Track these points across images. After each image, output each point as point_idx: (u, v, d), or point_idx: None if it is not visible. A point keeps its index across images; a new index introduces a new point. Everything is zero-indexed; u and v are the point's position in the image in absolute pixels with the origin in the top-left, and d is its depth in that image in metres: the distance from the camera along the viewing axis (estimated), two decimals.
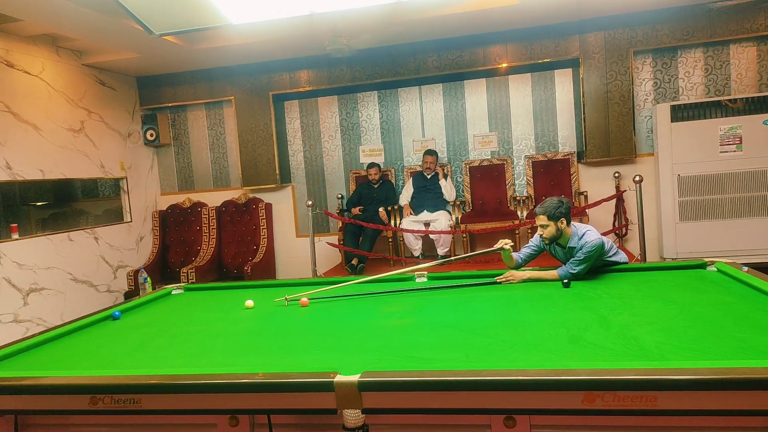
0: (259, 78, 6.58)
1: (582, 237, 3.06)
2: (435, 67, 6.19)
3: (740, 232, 5.45)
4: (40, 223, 5.61)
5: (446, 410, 1.64)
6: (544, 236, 3.16)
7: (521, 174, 6.37)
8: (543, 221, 3.12)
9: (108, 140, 6.19)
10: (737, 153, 5.43)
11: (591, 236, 3.05)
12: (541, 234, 3.18)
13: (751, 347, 1.81)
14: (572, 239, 3.11)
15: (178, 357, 2.21)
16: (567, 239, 3.13)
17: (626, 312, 2.33)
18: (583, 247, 3.00)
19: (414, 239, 5.96)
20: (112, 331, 2.70)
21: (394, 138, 6.65)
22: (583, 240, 3.03)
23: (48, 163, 5.33)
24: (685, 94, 5.90)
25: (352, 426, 1.72)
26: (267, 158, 6.61)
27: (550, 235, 3.14)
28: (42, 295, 5.16)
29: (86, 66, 5.92)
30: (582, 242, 3.03)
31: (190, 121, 7.02)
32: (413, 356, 1.97)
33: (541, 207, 3.14)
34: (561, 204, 3.11)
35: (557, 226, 3.11)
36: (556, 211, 3.09)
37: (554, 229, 3.12)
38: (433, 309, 2.68)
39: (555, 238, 3.15)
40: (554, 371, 1.61)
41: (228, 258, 6.60)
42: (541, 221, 3.13)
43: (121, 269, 6.20)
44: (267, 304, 3.06)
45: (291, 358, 2.10)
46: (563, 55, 5.94)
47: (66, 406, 1.88)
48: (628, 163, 5.99)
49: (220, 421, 1.89)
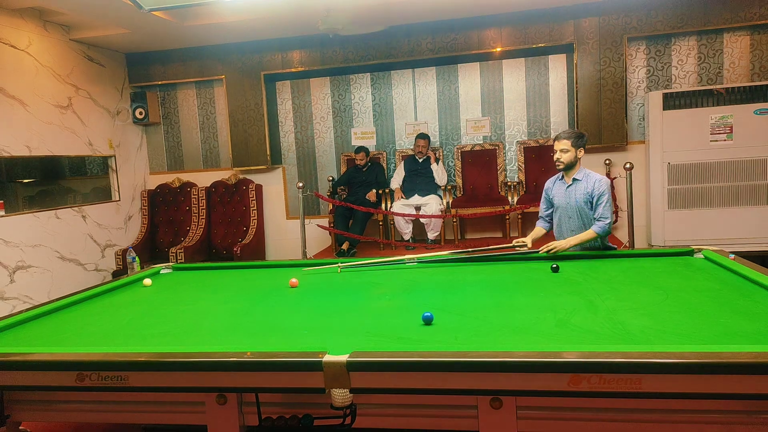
0: (250, 57, 6.50)
1: (588, 175, 3.37)
2: (429, 49, 6.15)
3: (728, 220, 5.50)
4: (27, 201, 5.54)
5: (433, 391, 1.66)
6: (561, 161, 3.39)
7: (513, 159, 6.37)
8: (566, 146, 3.36)
9: (96, 117, 6.11)
10: (727, 142, 5.46)
11: (597, 175, 3.36)
12: (559, 158, 3.39)
13: (734, 332, 1.84)
14: (579, 172, 3.41)
15: (167, 335, 2.21)
16: (574, 171, 3.42)
17: (613, 297, 2.36)
18: (596, 188, 3.29)
19: (404, 223, 5.96)
20: (100, 309, 2.69)
21: (387, 121, 6.61)
22: (592, 179, 3.33)
23: (35, 140, 5.26)
24: (677, 82, 5.91)
25: (339, 405, 1.73)
26: (258, 139, 6.56)
27: (568, 161, 3.38)
28: (29, 272, 5.12)
29: (74, 41, 5.81)
30: (593, 183, 3.32)
31: (180, 99, 6.94)
32: (402, 337, 1.98)
33: (564, 133, 3.41)
34: (582, 135, 3.42)
35: (576, 154, 3.37)
36: (580, 140, 3.38)
37: (573, 156, 3.37)
38: (423, 291, 2.70)
39: (570, 166, 3.40)
40: (541, 353, 1.63)
41: (217, 239, 6.57)
42: (564, 146, 3.37)
43: (109, 248, 6.16)
44: (257, 284, 3.06)
45: (280, 338, 2.10)
46: (557, 40, 5.92)
47: (53, 382, 1.88)
48: (619, 150, 6.01)
49: (208, 399, 1.89)
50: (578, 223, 3.43)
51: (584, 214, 3.41)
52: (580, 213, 3.42)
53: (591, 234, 3.28)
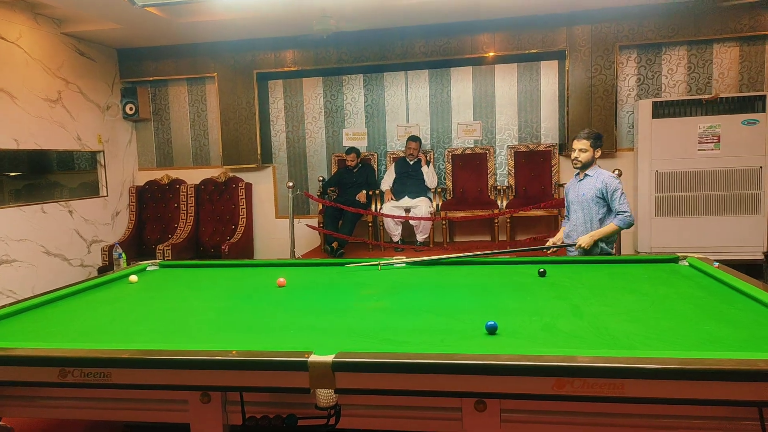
0: (243, 56, 6.48)
1: (600, 172, 3.51)
2: (422, 52, 6.16)
3: (713, 229, 5.56)
4: (12, 194, 5.48)
5: (418, 392, 1.66)
6: (579, 159, 3.51)
7: (503, 164, 6.40)
8: (585, 146, 3.50)
9: (86, 112, 6.06)
10: (714, 151, 5.52)
11: (607, 173, 3.51)
12: (577, 157, 3.52)
13: (717, 339, 1.85)
14: (592, 170, 3.54)
15: (151, 332, 2.19)
16: (588, 169, 3.55)
17: (599, 302, 2.37)
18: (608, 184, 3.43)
19: (394, 224, 5.96)
20: (84, 305, 2.67)
21: (378, 122, 6.62)
22: (602, 176, 3.47)
23: (23, 133, 5.20)
24: (667, 91, 5.97)
25: (324, 405, 1.73)
26: (249, 137, 6.54)
27: (586, 161, 3.51)
28: (13, 266, 5.06)
29: (65, 35, 5.76)
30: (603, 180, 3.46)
31: (171, 96, 6.90)
32: (389, 339, 1.98)
33: (584, 133, 3.54)
34: (600, 136, 3.54)
35: (593, 154, 3.50)
36: (598, 141, 3.51)
37: (590, 156, 3.51)
38: (410, 293, 2.69)
39: (587, 165, 3.52)
40: (526, 357, 1.63)
41: (205, 237, 6.53)
42: (583, 145, 3.50)
43: (96, 244, 6.10)
44: (245, 283, 3.04)
45: (266, 337, 2.09)
46: (550, 47, 5.95)
47: (35, 378, 1.85)
48: (608, 157, 6.05)
49: (192, 397, 1.88)
50: (582, 218, 3.57)
51: (588, 209, 3.53)
52: (584, 208, 3.55)
53: (613, 227, 3.42)
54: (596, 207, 3.51)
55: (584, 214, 3.57)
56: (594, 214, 3.53)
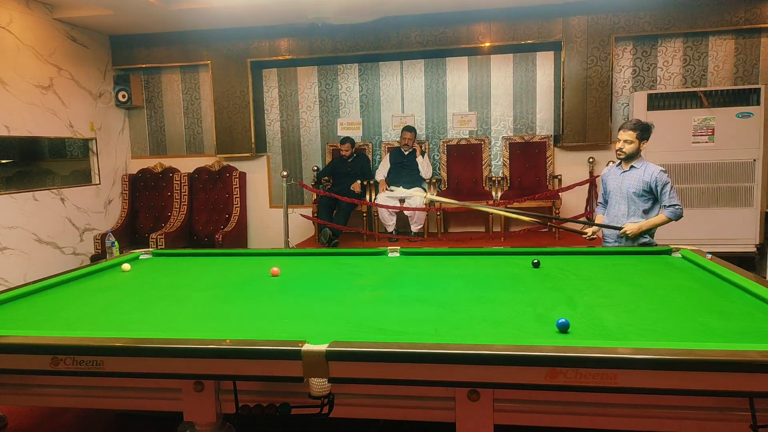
0: (237, 44, 6.42)
1: (647, 165, 3.42)
2: (418, 42, 6.13)
3: (707, 221, 5.58)
4: (4, 182, 5.42)
5: (411, 382, 1.66)
6: (624, 150, 3.42)
7: (498, 155, 6.39)
8: (630, 137, 3.39)
9: (78, 99, 6.00)
10: (709, 144, 5.54)
11: (656, 167, 3.42)
12: (621, 148, 3.42)
13: (710, 330, 1.87)
14: (639, 161, 3.45)
15: (145, 321, 2.18)
16: (633, 161, 3.46)
17: (592, 293, 2.38)
18: (658, 179, 3.36)
19: (388, 215, 5.96)
20: (77, 293, 2.65)
21: (373, 112, 6.59)
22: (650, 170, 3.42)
23: (14, 120, 5.15)
24: (662, 83, 5.97)
25: (318, 394, 1.73)
26: (243, 126, 6.50)
27: (630, 152, 3.42)
28: (5, 254, 5.03)
29: (57, 20, 5.69)
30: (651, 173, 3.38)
31: (165, 84, 6.84)
32: (383, 329, 1.98)
33: (630, 123, 3.42)
34: (648, 128, 3.41)
35: (639, 146, 3.40)
36: (645, 133, 3.40)
37: (635, 147, 3.41)
38: (405, 283, 2.69)
39: (631, 157, 3.43)
40: (519, 347, 1.64)
41: (199, 225, 6.51)
42: (629, 136, 3.40)
43: (88, 232, 6.07)
44: (238, 272, 3.04)
45: (259, 326, 2.09)
46: (546, 38, 5.94)
47: (27, 366, 1.84)
48: (603, 149, 6.05)
49: (185, 385, 1.87)
50: (624, 210, 3.51)
51: (632, 201, 3.48)
52: (628, 199, 3.50)
53: (663, 218, 3.40)
54: (641, 200, 3.46)
55: (627, 206, 3.51)
56: (639, 207, 3.48)
